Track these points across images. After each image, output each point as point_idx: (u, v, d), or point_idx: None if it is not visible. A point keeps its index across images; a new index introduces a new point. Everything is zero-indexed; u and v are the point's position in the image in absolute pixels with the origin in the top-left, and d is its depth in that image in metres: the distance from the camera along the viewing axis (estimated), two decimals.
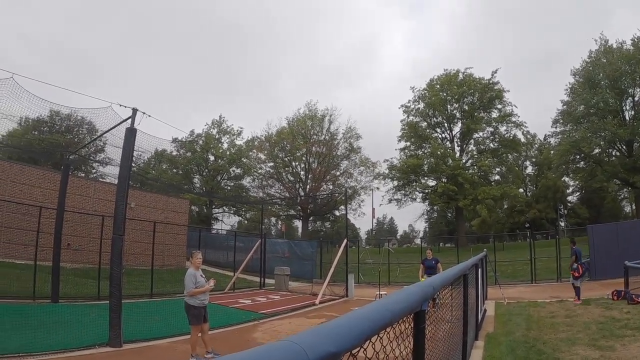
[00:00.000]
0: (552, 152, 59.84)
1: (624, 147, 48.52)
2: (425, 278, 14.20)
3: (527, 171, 74.31)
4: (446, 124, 61.73)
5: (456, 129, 61.44)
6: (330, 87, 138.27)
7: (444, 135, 62.51)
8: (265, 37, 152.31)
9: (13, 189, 23.03)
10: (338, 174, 63.20)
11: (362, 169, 63.05)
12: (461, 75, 59.18)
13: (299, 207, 62.11)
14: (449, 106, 59.98)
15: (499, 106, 58.24)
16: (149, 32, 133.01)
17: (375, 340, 1.67)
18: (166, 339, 10.97)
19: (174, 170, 64.63)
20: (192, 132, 63.46)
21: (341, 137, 63.03)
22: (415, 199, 61.77)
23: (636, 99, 46.29)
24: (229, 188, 65.75)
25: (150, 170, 62.22)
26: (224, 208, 65.66)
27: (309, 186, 61.81)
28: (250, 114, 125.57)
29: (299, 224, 68.37)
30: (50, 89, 12.12)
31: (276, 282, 25.27)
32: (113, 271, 10.72)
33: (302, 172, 63.28)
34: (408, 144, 61.90)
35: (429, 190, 58.67)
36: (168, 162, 64.85)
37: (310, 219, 66.06)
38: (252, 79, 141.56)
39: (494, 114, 58.80)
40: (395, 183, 60.85)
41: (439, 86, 59.70)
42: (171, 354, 9.78)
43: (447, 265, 16.31)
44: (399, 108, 62.82)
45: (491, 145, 59.83)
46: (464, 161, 58.50)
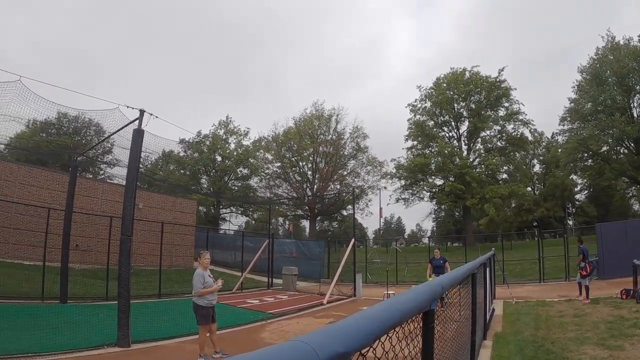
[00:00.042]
0: (559, 150, 59.61)
1: (632, 144, 48.15)
2: (433, 277, 14.18)
3: (534, 169, 73.89)
4: (453, 123, 61.46)
5: (463, 127, 61.20)
6: (337, 87, 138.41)
7: (451, 134, 62.32)
8: (271, 37, 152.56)
9: (21, 191, 23.17)
10: (345, 173, 63.07)
11: (369, 168, 62.96)
12: (468, 74, 58.90)
13: (307, 207, 62.03)
14: (455, 105, 59.68)
15: (506, 104, 57.96)
16: (153, 33, 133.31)
17: (384, 340, 1.66)
18: (174, 339, 10.99)
19: (182, 171, 64.73)
20: (199, 133, 63.52)
21: (348, 137, 62.95)
22: (422, 198, 61.54)
23: None
24: (236, 188, 65.80)
25: (158, 171, 62.33)
26: (232, 208, 65.78)
27: (316, 186, 61.73)
28: (257, 114, 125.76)
29: (306, 223, 68.41)
30: (56, 91, 12.19)
31: (284, 282, 25.27)
32: (121, 272, 10.75)
33: (309, 172, 63.24)
34: (415, 143, 61.72)
35: (437, 190, 58.45)
36: (175, 163, 64.91)
37: (318, 218, 66.00)
38: (258, 80, 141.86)
39: (501, 112, 58.55)
40: (403, 182, 60.66)
41: (445, 85, 59.43)
42: (179, 354, 9.80)
43: (454, 264, 16.27)
44: (405, 107, 62.68)
45: (498, 143, 59.53)
46: (471, 160, 58.25)
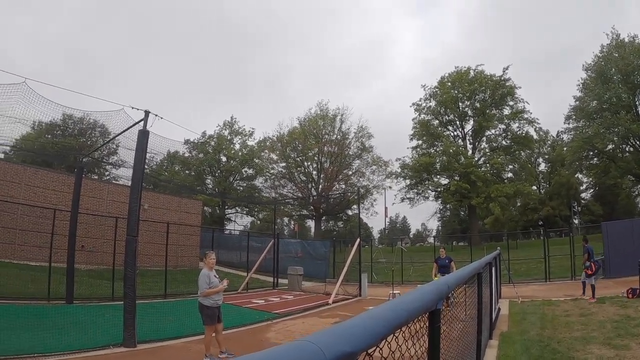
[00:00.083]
0: (565, 148, 59.37)
1: (637, 142, 48.00)
2: (438, 277, 14.19)
3: (540, 168, 73.74)
4: (458, 122, 61.31)
5: (468, 126, 61.10)
6: (341, 87, 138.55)
7: (456, 133, 62.09)
8: (274, 37, 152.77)
9: (27, 192, 23.25)
10: (350, 173, 63.03)
11: (374, 168, 62.86)
12: (472, 73, 58.69)
13: (312, 207, 62.05)
14: (460, 104, 59.47)
15: (511, 103, 57.58)
16: (154, 33, 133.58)
17: (390, 340, 1.66)
18: (180, 339, 11.02)
19: (187, 172, 64.85)
20: (204, 134, 63.65)
21: (353, 137, 62.98)
22: (427, 197, 61.39)
23: None
24: (241, 189, 65.90)
25: (163, 171, 62.46)
26: (237, 209, 65.85)
27: (321, 186, 61.74)
28: (262, 114, 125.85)
29: (311, 223, 68.30)
30: (61, 92, 12.24)
31: (289, 282, 25.28)
32: (127, 272, 10.78)
33: (314, 172, 63.30)
34: (420, 142, 61.59)
35: (442, 189, 58.18)
36: (180, 163, 65.02)
37: (323, 218, 66.04)
38: (263, 80, 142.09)
39: (506, 111, 58.20)
40: (408, 182, 60.56)
41: (450, 84, 59.26)
42: (185, 354, 9.82)
43: (460, 264, 16.26)
44: (410, 106, 62.67)
45: (503, 142, 59.26)
46: (476, 159, 58.13)
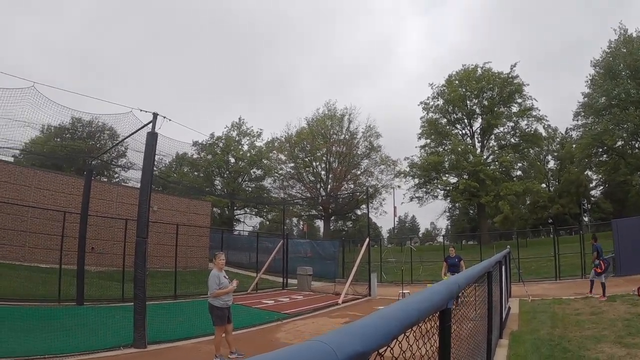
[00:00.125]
0: (574, 145, 58.98)
1: None
2: (448, 276, 14.12)
3: (549, 166, 73.24)
4: (466, 120, 61.10)
5: (476, 124, 60.88)
6: (349, 87, 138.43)
7: (464, 132, 61.91)
8: (282, 38, 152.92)
9: (37, 195, 23.40)
10: (359, 173, 63.03)
11: (382, 167, 62.89)
12: (480, 70, 58.49)
13: (321, 207, 62.07)
14: (468, 102, 59.22)
15: (519, 100, 57.24)
16: (161, 35, 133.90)
17: (401, 339, 1.64)
18: (190, 339, 11.02)
19: (195, 173, 65.05)
20: (212, 135, 63.81)
21: (361, 136, 63.07)
22: (436, 196, 61.22)
23: None
24: (250, 189, 66.04)
25: (172, 173, 62.68)
26: (246, 209, 66.01)
27: (330, 186, 61.80)
28: (270, 115, 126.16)
29: (320, 223, 68.42)
30: (69, 96, 12.31)
31: (299, 282, 25.29)
32: (137, 273, 10.80)
33: (322, 172, 63.35)
34: (428, 141, 61.38)
35: (451, 188, 57.97)
36: (189, 165, 65.22)
37: (332, 218, 66.05)
38: (270, 81, 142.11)
39: (514, 109, 57.90)
40: (417, 181, 60.39)
41: (457, 82, 59.04)
42: (195, 354, 9.83)
43: (470, 263, 16.21)
44: (418, 105, 62.49)
45: (512, 140, 58.93)
46: (485, 157, 57.90)
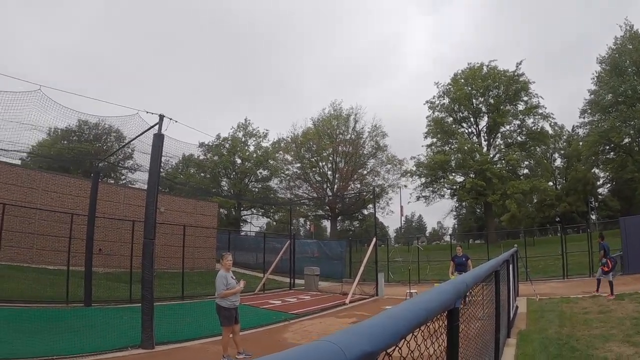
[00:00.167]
0: (581, 143, 58.66)
1: None
2: (455, 275, 14.11)
3: (556, 164, 72.85)
4: (472, 119, 60.85)
5: (482, 123, 60.64)
6: (354, 86, 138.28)
7: (470, 130, 61.70)
8: (287, 39, 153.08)
9: (44, 198, 23.53)
10: (365, 172, 63.06)
11: (389, 167, 62.88)
12: (485, 69, 58.28)
13: (327, 207, 62.18)
14: (474, 100, 59.02)
15: (525, 98, 56.94)
16: (168, 38, 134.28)
17: (409, 339, 1.64)
18: (198, 340, 11.06)
19: (202, 174, 65.20)
20: (218, 136, 63.84)
21: (367, 136, 63.03)
22: (443, 195, 61.05)
23: None
24: (256, 190, 66.06)
25: (179, 174, 62.86)
26: (253, 210, 65.99)
27: (336, 186, 61.82)
28: (276, 116, 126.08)
29: (327, 223, 68.38)
30: (76, 99, 12.39)
31: (306, 283, 25.31)
32: (145, 274, 10.84)
33: (329, 172, 63.38)
34: (434, 140, 61.25)
35: (457, 187, 57.80)
36: (196, 166, 65.37)
37: (339, 218, 66.08)
38: (276, 82, 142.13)
39: (520, 107, 57.62)
40: (423, 180, 60.31)
41: (463, 80, 58.90)
42: (203, 355, 9.86)
43: (477, 262, 16.16)
44: (424, 104, 62.28)
45: (518, 138, 58.65)
46: (491, 156, 57.67)
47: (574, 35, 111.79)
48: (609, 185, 66.69)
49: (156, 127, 11.86)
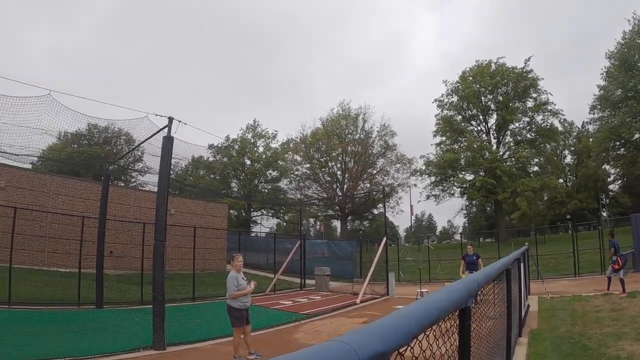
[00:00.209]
0: (591, 139, 58.36)
1: None
2: (466, 274, 14.04)
3: (566, 161, 72.40)
4: (481, 116, 60.50)
5: (491, 120, 60.22)
6: (362, 86, 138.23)
7: (479, 128, 61.32)
8: (294, 40, 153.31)
9: (55, 201, 23.70)
10: (375, 172, 62.91)
11: (398, 166, 62.64)
12: (493, 66, 57.90)
13: (337, 207, 62.09)
14: (483, 98, 58.65)
15: (534, 95, 56.43)
16: (176, 40, 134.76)
17: (421, 339, 1.63)
18: (209, 341, 11.09)
19: (212, 176, 65.38)
20: (227, 138, 64.09)
21: (376, 135, 62.84)
22: (453, 194, 60.60)
23: None
24: (266, 191, 66.19)
25: (188, 176, 63.09)
26: (262, 211, 66.14)
27: (346, 186, 61.79)
28: (285, 116, 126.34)
29: (337, 223, 68.48)
30: (85, 103, 12.45)
31: (316, 283, 25.30)
32: (156, 276, 10.87)
33: (338, 172, 63.31)
34: (444, 138, 60.95)
35: (467, 185, 57.44)
36: (205, 168, 65.60)
37: (349, 218, 66.00)
38: (284, 82, 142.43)
39: (530, 103, 57.13)
40: (433, 179, 60.03)
41: (471, 78, 58.56)
42: (214, 355, 9.88)
43: (487, 260, 16.13)
44: (432, 102, 62.01)
45: (528, 135, 58.21)
46: (501, 153, 57.21)
47: (583, 29, 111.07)
48: (619, 181, 66.34)
49: (165, 129, 11.90)
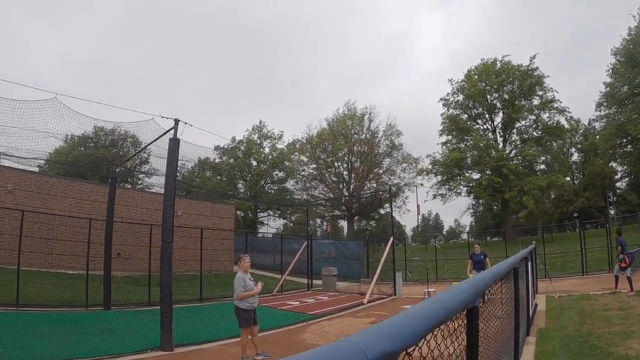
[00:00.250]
0: (597, 137, 58.01)
1: None
2: (474, 273, 14.01)
3: (573, 158, 72.05)
4: (487, 115, 60.19)
5: (497, 119, 59.84)
6: (368, 86, 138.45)
7: (485, 127, 61.03)
8: (299, 40, 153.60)
9: (63, 204, 23.82)
10: (381, 172, 62.92)
11: (404, 165, 62.62)
12: (499, 64, 57.57)
13: (344, 207, 62.14)
14: (488, 96, 58.36)
15: (540, 93, 56.10)
16: (182, 43, 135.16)
17: (429, 338, 1.63)
18: (216, 342, 11.10)
19: (218, 177, 65.50)
20: (233, 139, 64.14)
21: (382, 135, 62.78)
22: (460, 193, 60.43)
23: None
24: (273, 192, 66.19)
25: (195, 178, 63.23)
26: (269, 212, 66.18)
27: (352, 186, 61.77)
28: (290, 117, 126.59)
29: (344, 224, 68.32)
30: (91, 106, 12.54)
31: (324, 283, 25.31)
32: (163, 277, 10.89)
33: (344, 172, 63.23)
34: (450, 137, 60.73)
35: (474, 184, 57.32)
36: (211, 169, 65.72)
37: (356, 218, 66.02)
38: (289, 83, 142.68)
39: (535, 101, 56.81)
40: (439, 178, 59.76)
41: (477, 76, 58.24)
42: (222, 356, 9.89)
43: (495, 259, 16.07)
44: (438, 101, 61.85)
45: (534, 133, 57.86)
46: (507, 152, 56.89)
47: (588, 26, 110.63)
48: (627, 179, 65.84)
49: (172, 131, 11.93)
